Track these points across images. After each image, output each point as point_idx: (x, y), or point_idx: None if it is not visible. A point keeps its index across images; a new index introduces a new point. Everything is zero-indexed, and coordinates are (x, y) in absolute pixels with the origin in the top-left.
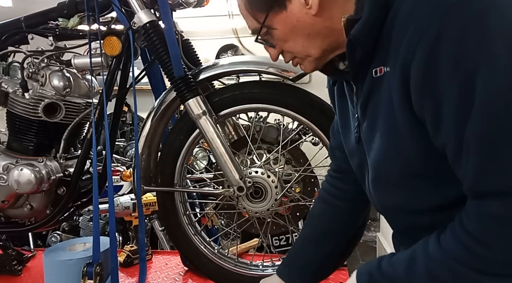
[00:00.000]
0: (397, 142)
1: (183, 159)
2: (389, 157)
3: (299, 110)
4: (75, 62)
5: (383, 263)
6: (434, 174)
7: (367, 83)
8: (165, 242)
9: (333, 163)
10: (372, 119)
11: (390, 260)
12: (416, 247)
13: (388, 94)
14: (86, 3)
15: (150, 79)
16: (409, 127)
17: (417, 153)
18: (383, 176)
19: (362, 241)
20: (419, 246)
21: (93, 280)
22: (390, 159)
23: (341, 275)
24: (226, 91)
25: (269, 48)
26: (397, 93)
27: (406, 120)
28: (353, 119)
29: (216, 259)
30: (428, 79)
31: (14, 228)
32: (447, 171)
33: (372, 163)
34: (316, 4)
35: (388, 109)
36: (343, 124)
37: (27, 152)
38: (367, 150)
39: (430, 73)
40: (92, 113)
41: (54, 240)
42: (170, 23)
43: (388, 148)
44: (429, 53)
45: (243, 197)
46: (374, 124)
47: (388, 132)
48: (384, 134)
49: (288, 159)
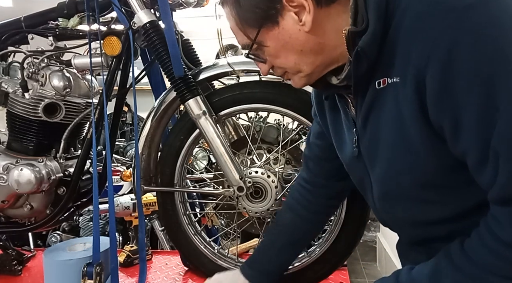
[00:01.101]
0: (409, 154)
1: (183, 159)
2: (399, 171)
3: (299, 110)
4: (75, 62)
5: (401, 279)
6: (449, 184)
7: (369, 95)
8: (165, 242)
9: (304, 172)
10: (375, 132)
11: (410, 274)
12: (439, 260)
13: (396, 106)
14: (86, 3)
15: (150, 79)
16: (422, 139)
17: (432, 164)
18: (392, 189)
19: (362, 241)
20: (442, 258)
21: (93, 280)
22: (401, 173)
23: (341, 275)
24: (226, 91)
25: (259, 63)
26: (410, 104)
27: (419, 131)
28: (350, 133)
29: (216, 259)
30: (445, 87)
31: (14, 228)
32: (463, 180)
33: (378, 178)
34: (310, 21)
35: (396, 122)
36: (337, 138)
37: (27, 152)
38: (370, 165)
39: (447, 81)
40: (92, 113)
41: (54, 240)
42: (170, 23)
43: (397, 161)
44: (444, 61)
45: (243, 197)
46: (377, 138)
47: (396, 145)
48: (391, 147)
49: (288, 159)
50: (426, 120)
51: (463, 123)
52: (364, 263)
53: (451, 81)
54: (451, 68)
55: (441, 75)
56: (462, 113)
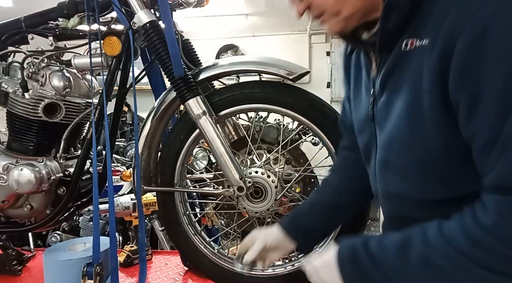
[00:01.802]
0: (417, 125)
1: (183, 159)
2: (404, 140)
3: (299, 110)
4: (75, 62)
5: (371, 243)
6: (447, 168)
7: (393, 56)
8: (165, 242)
9: (344, 139)
10: (391, 96)
11: (380, 241)
12: (413, 232)
13: (418, 71)
14: (86, 3)
15: (150, 79)
16: (435, 111)
17: (435, 141)
18: (393, 158)
19: None
20: (416, 232)
21: (93, 280)
22: (405, 142)
23: None
24: (226, 91)
25: (295, 2)
26: (432, 70)
27: (433, 102)
28: (367, 95)
29: (216, 259)
30: (472, 62)
31: (14, 228)
32: (461, 167)
33: (384, 143)
34: None
35: (413, 88)
36: (355, 99)
37: (27, 152)
38: (380, 129)
39: (475, 57)
40: (92, 113)
41: (54, 240)
42: (170, 23)
43: (403, 129)
44: (477, 36)
45: (243, 197)
46: (392, 102)
47: (408, 113)
48: (403, 114)
49: (288, 159)
50: (443, 91)
51: (481, 102)
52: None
53: (479, 58)
54: (482, 45)
55: (470, 49)
56: (483, 93)
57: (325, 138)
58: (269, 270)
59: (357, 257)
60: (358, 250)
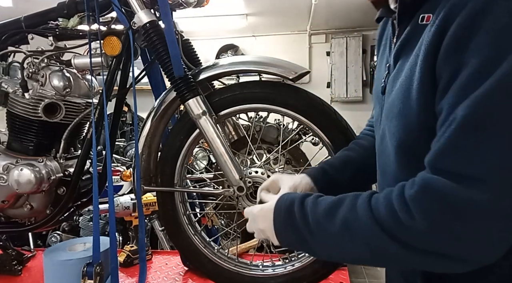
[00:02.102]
0: (407, 95)
1: (183, 159)
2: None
3: (299, 110)
4: (75, 62)
5: (308, 199)
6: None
7: (409, 28)
8: (165, 242)
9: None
10: (399, 69)
11: (317, 198)
12: (347, 196)
13: (420, 44)
14: (86, 3)
15: (150, 79)
16: (422, 84)
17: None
18: (384, 134)
19: None
20: (350, 196)
21: (93, 280)
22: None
23: (341, 275)
24: (226, 91)
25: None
26: (428, 44)
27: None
28: (384, 69)
29: (216, 259)
30: (463, 39)
31: (14, 228)
32: None
33: (384, 114)
34: None
35: (413, 60)
36: (378, 71)
37: (27, 152)
38: (386, 101)
39: (468, 34)
40: (92, 113)
41: (54, 240)
42: (170, 23)
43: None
44: (477, 13)
45: (243, 197)
46: (399, 76)
47: (405, 82)
48: (402, 84)
49: (288, 159)
50: (433, 67)
51: (455, 81)
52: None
53: (470, 38)
54: (477, 26)
55: (464, 28)
56: (461, 72)
57: (325, 138)
58: (269, 270)
59: (291, 210)
60: (294, 203)
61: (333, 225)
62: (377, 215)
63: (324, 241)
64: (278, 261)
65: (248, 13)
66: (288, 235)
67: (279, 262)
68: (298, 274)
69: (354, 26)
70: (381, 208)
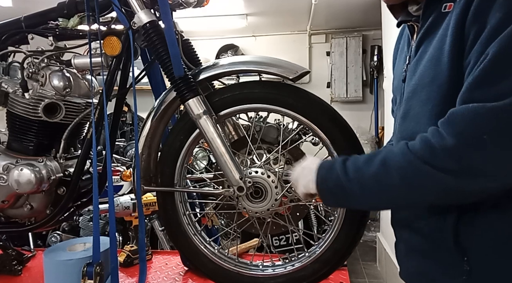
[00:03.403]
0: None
1: (183, 159)
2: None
3: (299, 110)
4: (75, 62)
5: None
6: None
7: (434, 16)
8: (165, 242)
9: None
10: (422, 54)
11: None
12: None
13: (447, 22)
14: (86, 3)
15: (150, 79)
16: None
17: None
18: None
19: (362, 241)
20: (387, 148)
21: (93, 280)
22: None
23: (341, 275)
24: (226, 91)
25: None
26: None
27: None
28: (404, 62)
29: (216, 259)
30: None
31: (14, 228)
32: None
33: (408, 95)
34: None
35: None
36: (396, 68)
37: (27, 152)
38: (407, 86)
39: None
40: (92, 113)
41: (54, 240)
42: (170, 23)
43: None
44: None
45: (243, 197)
46: (422, 58)
47: (430, 60)
48: (426, 62)
49: (288, 159)
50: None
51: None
52: (364, 263)
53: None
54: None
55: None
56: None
57: (325, 138)
58: (269, 270)
59: (333, 165)
60: (336, 161)
61: (371, 166)
62: (412, 147)
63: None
64: (278, 261)
65: (248, 13)
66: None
67: (279, 262)
68: (298, 274)
69: (354, 26)
70: (416, 143)
